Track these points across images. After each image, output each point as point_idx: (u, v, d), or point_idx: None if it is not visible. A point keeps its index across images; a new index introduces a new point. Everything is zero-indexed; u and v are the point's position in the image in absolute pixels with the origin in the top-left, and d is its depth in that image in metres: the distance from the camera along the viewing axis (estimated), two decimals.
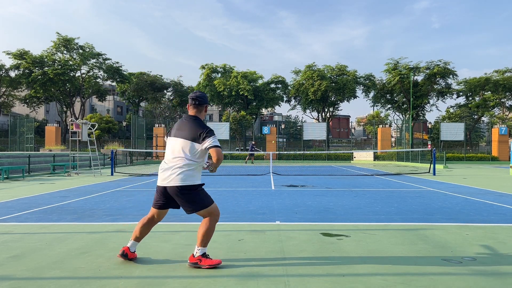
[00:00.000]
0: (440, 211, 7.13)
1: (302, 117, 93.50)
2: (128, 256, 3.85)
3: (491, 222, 6.03)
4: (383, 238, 4.96)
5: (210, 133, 3.66)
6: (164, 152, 3.74)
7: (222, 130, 39.44)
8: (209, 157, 3.89)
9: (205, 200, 3.76)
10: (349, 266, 3.77)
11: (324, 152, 35.31)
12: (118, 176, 16.06)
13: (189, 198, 3.69)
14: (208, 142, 3.62)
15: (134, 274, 3.53)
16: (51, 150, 28.19)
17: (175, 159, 3.69)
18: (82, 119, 27.95)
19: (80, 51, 44.34)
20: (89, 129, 17.64)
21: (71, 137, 20.75)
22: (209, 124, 41.47)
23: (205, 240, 3.71)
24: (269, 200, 8.50)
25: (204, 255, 3.70)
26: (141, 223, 3.95)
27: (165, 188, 3.71)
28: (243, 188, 11.34)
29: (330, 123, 54.71)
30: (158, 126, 37.88)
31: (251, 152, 30.74)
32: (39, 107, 51.50)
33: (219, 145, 3.68)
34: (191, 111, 3.87)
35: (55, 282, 3.32)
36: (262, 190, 10.60)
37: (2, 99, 47.90)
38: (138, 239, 3.96)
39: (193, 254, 3.74)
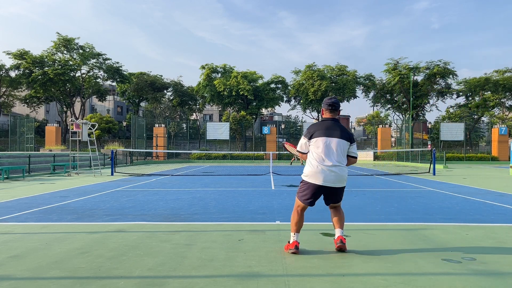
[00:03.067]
0: (440, 211, 7.13)
1: (302, 117, 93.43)
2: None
3: (491, 222, 6.03)
4: (383, 238, 4.96)
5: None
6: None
7: (222, 130, 39.44)
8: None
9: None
10: (349, 266, 3.77)
11: None
12: (118, 176, 16.07)
13: None
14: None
15: (134, 274, 3.53)
16: (51, 150, 28.19)
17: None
18: (82, 119, 27.95)
19: (80, 51, 44.33)
20: (89, 129, 17.65)
21: (71, 137, 20.77)
22: (209, 124, 41.51)
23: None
24: (269, 200, 8.51)
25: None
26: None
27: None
28: (243, 188, 11.34)
29: None
30: (158, 126, 37.89)
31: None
32: (39, 107, 51.49)
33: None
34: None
35: (55, 282, 3.32)
36: (262, 190, 10.60)
37: (2, 99, 47.89)
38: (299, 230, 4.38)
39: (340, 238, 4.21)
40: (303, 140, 4.32)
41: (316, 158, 4.15)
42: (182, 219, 6.21)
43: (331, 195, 4.24)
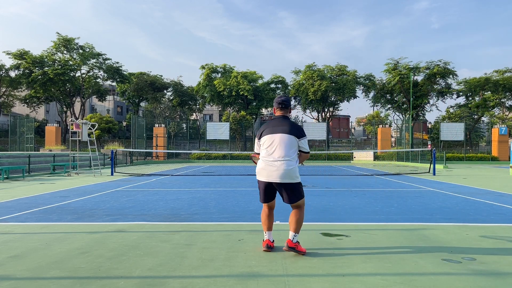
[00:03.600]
0: (440, 211, 7.13)
1: (302, 117, 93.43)
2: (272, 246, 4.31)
3: (491, 222, 6.03)
4: (383, 238, 4.96)
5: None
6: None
7: (222, 130, 39.43)
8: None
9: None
10: (349, 266, 3.77)
11: (324, 152, 35.30)
12: (118, 176, 16.07)
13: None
14: None
15: (134, 274, 3.53)
16: (51, 150, 28.19)
17: None
18: (82, 119, 27.95)
19: (80, 51, 44.33)
20: (89, 129, 17.65)
21: (71, 137, 20.77)
22: (209, 124, 41.50)
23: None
24: None
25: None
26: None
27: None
28: (243, 188, 11.34)
29: (330, 123, 54.70)
30: (158, 126, 37.88)
31: None
32: (39, 107, 51.48)
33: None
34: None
35: (55, 282, 3.32)
36: None
37: (2, 99, 47.89)
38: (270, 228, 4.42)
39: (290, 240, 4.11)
40: (255, 141, 4.45)
41: (263, 155, 4.24)
42: (182, 219, 6.21)
43: (281, 193, 4.22)
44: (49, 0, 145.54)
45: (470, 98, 48.23)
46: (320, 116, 50.06)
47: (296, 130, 4.20)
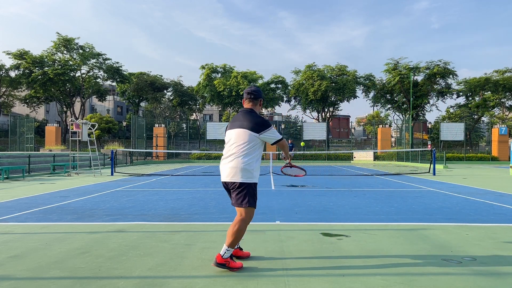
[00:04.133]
0: (440, 211, 7.13)
1: (302, 117, 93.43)
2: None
3: (491, 222, 6.03)
4: (383, 238, 4.96)
5: None
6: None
7: (222, 130, 39.40)
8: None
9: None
10: (349, 266, 3.77)
11: (324, 152, 35.31)
12: (118, 176, 16.07)
13: None
14: None
15: (134, 274, 3.53)
16: (51, 150, 28.19)
17: None
18: (82, 119, 27.94)
19: (80, 51, 44.32)
20: (89, 129, 17.65)
21: (71, 137, 20.76)
22: (209, 124, 41.51)
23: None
24: (269, 200, 8.50)
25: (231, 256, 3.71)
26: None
27: None
28: None
29: (330, 123, 54.69)
30: (158, 126, 37.87)
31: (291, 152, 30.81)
32: (39, 107, 51.48)
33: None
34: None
35: (55, 282, 3.32)
36: (262, 190, 10.59)
37: (2, 99, 47.88)
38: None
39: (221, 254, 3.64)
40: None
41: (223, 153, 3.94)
42: (182, 219, 6.21)
43: (230, 194, 3.84)
44: (49, 0, 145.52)
45: (470, 98, 48.22)
46: (320, 116, 50.05)
47: (256, 125, 3.72)
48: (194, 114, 59.93)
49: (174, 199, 8.75)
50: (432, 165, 18.21)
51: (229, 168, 3.71)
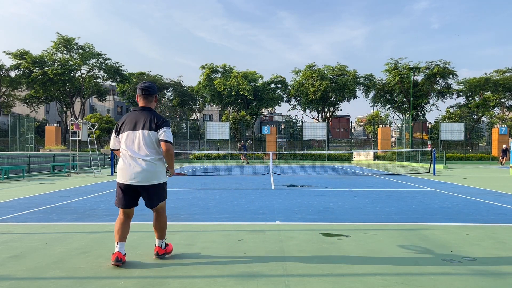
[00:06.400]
0: (440, 211, 7.13)
1: (302, 117, 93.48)
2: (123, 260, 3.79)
3: (491, 222, 6.03)
4: (383, 238, 4.96)
5: None
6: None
7: (222, 130, 39.43)
8: None
9: None
10: (349, 266, 3.77)
11: (324, 152, 35.30)
12: None
13: None
14: None
15: (134, 274, 3.53)
16: (51, 150, 28.18)
17: None
18: (82, 119, 27.94)
19: (80, 51, 44.30)
20: (89, 129, 17.64)
21: (71, 137, 20.75)
22: (209, 124, 41.51)
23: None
24: (269, 200, 8.50)
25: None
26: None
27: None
28: (243, 188, 11.34)
29: (330, 123, 54.67)
30: None
31: (245, 152, 31.14)
32: (39, 107, 51.44)
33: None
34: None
35: (55, 282, 3.32)
36: (262, 190, 10.60)
37: (2, 99, 47.86)
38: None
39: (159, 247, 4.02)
40: (112, 136, 3.97)
41: (124, 155, 3.82)
42: (182, 219, 6.21)
43: (144, 196, 3.87)
44: (49, 0, 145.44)
45: (470, 98, 48.20)
46: (320, 116, 50.03)
47: (156, 124, 3.77)
48: (194, 114, 59.92)
49: (174, 199, 8.75)
50: (432, 165, 18.20)
51: (147, 172, 3.74)
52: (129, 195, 3.85)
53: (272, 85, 49.04)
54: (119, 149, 3.93)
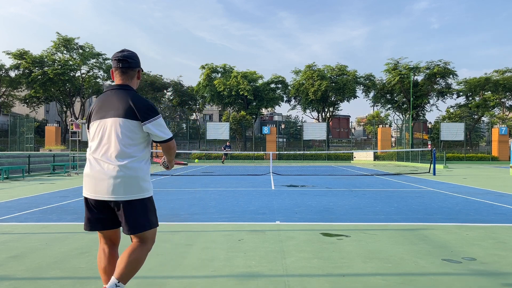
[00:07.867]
0: (440, 211, 7.13)
1: (302, 117, 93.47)
2: None
3: (491, 222, 6.03)
4: (383, 238, 4.95)
5: None
6: None
7: (222, 130, 39.44)
8: None
9: None
10: (349, 266, 3.77)
11: (324, 152, 35.30)
12: None
13: None
14: None
15: None
16: (51, 150, 28.17)
17: None
18: (82, 119, 27.93)
19: (80, 51, 44.31)
20: None
21: (71, 137, 20.75)
22: (209, 124, 41.53)
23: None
24: (269, 200, 8.50)
25: None
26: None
27: None
28: (243, 188, 11.33)
29: (330, 123, 54.65)
30: None
31: (225, 152, 31.23)
32: (39, 107, 51.42)
33: None
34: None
35: (55, 282, 3.32)
36: (262, 190, 10.59)
37: (2, 99, 47.85)
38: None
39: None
40: (86, 130, 2.78)
41: (88, 156, 2.65)
42: (182, 219, 6.21)
43: (118, 216, 2.58)
44: (49, 0, 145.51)
45: (470, 98, 48.19)
46: (320, 116, 50.02)
47: (139, 110, 2.51)
48: (194, 114, 59.91)
49: (174, 199, 8.75)
50: (432, 165, 18.20)
51: (114, 180, 2.48)
52: (99, 211, 2.58)
53: (272, 85, 49.02)
54: None
